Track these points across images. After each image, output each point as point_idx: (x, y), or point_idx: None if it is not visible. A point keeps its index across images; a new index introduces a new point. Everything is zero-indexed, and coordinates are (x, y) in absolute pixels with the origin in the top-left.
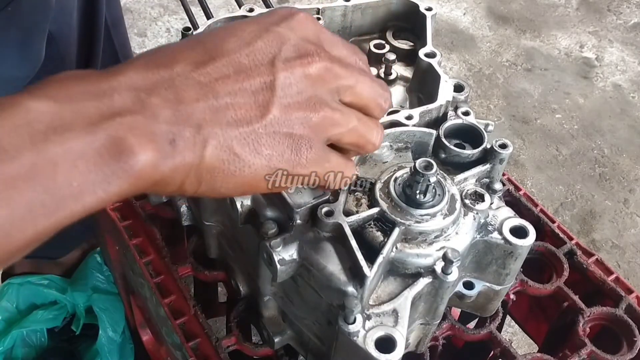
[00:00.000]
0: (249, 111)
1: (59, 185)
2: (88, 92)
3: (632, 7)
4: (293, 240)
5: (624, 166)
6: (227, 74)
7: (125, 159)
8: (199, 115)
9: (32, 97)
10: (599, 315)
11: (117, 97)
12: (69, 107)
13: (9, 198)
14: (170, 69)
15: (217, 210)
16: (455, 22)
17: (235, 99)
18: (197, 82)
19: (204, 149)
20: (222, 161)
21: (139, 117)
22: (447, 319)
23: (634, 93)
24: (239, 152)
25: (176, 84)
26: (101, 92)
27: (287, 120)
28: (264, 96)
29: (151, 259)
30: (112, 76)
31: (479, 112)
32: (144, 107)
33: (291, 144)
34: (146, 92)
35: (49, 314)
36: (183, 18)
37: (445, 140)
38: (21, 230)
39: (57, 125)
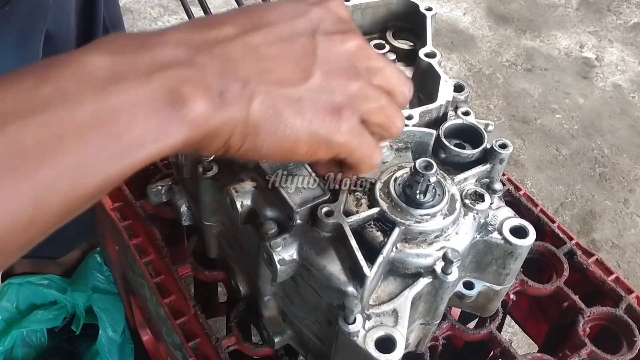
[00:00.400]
0: (292, 74)
1: (122, 132)
2: (140, 45)
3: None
4: (293, 240)
5: (624, 166)
6: (271, 40)
7: (179, 107)
8: (245, 72)
9: (85, 52)
10: (599, 315)
11: (167, 50)
12: (123, 60)
13: (79, 144)
14: (216, 30)
15: (217, 210)
16: (455, 22)
17: (279, 62)
18: (243, 44)
19: (250, 104)
20: (267, 119)
21: (189, 70)
22: (447, 319)
23: (634, 93)
24: (283, 112)
25: (223, 44)
26: (152, 46)
27: (328, 86)
28: (306, 62)
29: (151, 259)
30: (159, 35)
31: (479, 112)
32: (193, 61)
33: (332, 111)
34: (194, 48)
35: (49, 314)
36: (183, 18)
37: (445, 140)
38: (93, 175)
39: (114, 76)
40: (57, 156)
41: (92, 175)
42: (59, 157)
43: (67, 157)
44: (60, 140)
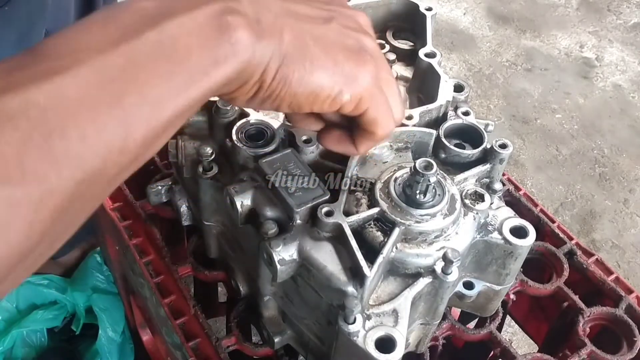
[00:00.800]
0: (317, 15)
1: (182, 60)
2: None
3: (632, 7)
4: (293, 240)
5: (624, 166)
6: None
7: (228, 35)
8: (274, 6)
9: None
10: (599, 315)
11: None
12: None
13: (151, 72)
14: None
15: (217, 210)
16: (455, 22)
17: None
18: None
19: (282, 34)
20: (297, 49)
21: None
22: (447, 319)
23: (634, 93)
24: (310, 45)
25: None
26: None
27: (347, 34)
28: (325, 11)
29: (151, 259)
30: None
31: (479, 112)
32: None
33: (354, 52)
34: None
35: (49, 314)
36: None
37: (445, 140)
38: (167, 103)
39: (163, 12)
40: (138, 83)
41: (166, 103)
42: (139, 85)
43: (144, 85)
44: (136, 69)
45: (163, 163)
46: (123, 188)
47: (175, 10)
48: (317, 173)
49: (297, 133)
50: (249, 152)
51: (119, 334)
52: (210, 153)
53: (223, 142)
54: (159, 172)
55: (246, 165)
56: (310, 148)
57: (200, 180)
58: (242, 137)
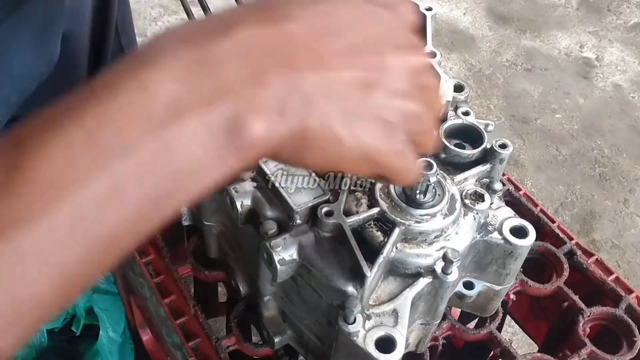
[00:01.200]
0: (354, 89)
1: (177, 170)
2: (201, 61)
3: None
4: (293, 240)
5: (624, 166)
6: (339, 48)
7: (238, 135)
8: (308, 85)
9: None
10: (599, 315)
11: (228, 66)
12: (183, 85)
13: (137, 190)
14: (284, 26)
15: (217, 210)
16: (455, 22)
17: (344, 75)
18: (311, 49)
19: (308, 119)
20: (321, 133)
21: (251, 90)
22: (447, 319)
23: (634, 93)
24: (337, 127)
25: (290, 47)
26: (214, 60)
27: (386, 105)
28: (370, 77)
29: (151, 259)
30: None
31: (479, 112)
32: (256, 75)
33: (383, 130)
34: (258, 57)
35: None
36: (183, 18)
37: (445, 140)
38: (146, 220)
39: (173, 107)
40: (119, 204)
41: (145, 221)
42: (121, 204)
43: (126, 204)
44: (121, 189)
45: None
46: None
47: (188, 107)
48: (317, 173)
49: None
50: None
51: (119, 334)
52: None
53: None
54: None
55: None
56: None
57: None
58: None
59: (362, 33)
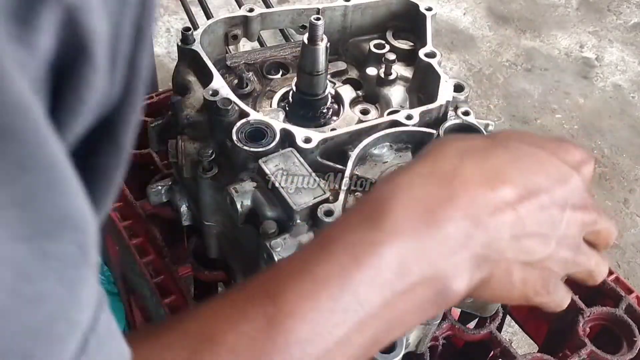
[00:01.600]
0: (538, 245)
1: (392, 320)
2: (428, 223)
3: (632, 7)
4: (293, 240)
5: (624, 166)
6: (535, 208)
7: (446, 294)
8: (504, 243)
9: (378, 232)
10: (599, 315)
11: (450, 229)
12: (411, 250)
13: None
14: (496, 192)
15: (217, 210)
16: (455, 22)
17: (533, 232)
18: (515, 214)
19: (495, 270)
20: (500, 280)
21: (464, 252)
22: (447, 319)
23: (634, 93)
24: (514, 277)
25: (499, 215)
26: (439, 224)
27: (556, 258)
28: (549, 233)
29: (151, 259)
30: (449, 200)
31: (479, 112)
32: (469, 237)
33: (547, 279)
34: (473, 221)
35: None
36: (183, 18)
37: None
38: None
39: (401, 270)
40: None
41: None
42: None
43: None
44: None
45: (163, 163)
46: (123, 188)
47: (412, 273)
48: (317, 173)
49: (297, 133)
50: (249, 152)
51: None
52: (210, 153)
53: (223, 142)
54: (159, 172)
55: (246, 165)
56: (310, 148)
57: (200, 180)
58: (242, 137)
59: (552, 194)
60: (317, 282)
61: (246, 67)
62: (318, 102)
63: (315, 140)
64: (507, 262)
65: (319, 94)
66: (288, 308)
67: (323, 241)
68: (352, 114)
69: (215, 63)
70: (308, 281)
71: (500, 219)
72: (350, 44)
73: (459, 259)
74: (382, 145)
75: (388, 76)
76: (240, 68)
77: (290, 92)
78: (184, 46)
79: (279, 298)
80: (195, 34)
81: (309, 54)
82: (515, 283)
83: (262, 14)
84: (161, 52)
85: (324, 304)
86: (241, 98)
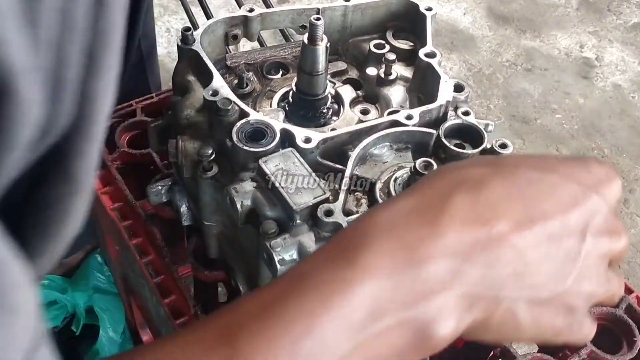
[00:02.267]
0: (547, 280)
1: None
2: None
3: (632, 7)
4: (293, 240)
5: (624, 166)
6: (540, 240)
7: (429, 338)
8: (502, 280)
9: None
10: (599, 315)
11: (432, 268)
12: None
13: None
14: (489, 227)
15: (217, 210)
16: (455, 22)
17: (540, 266)
18: (513, 247)
19: (495, 310)
20: (502, 320)
21: (449, 293)
22: None
23: (634, 93)
24: (520, 317)
25: (492, 247)
26: (419, 261)
27: (576, 293)
28: (566, 267)
29: (151, 259)
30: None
31: (479, 112)
32: (455, 276)
33: (565, 314)
34: (462, 258)
35: (49, 314)
36: (183, 18)
37: (446, 140)
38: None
39: (373, 310)
40: None
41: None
42: None
43: None
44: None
45: (163, 163)
46: (123, 188)
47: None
48: (317, 173)
49: (297, 133)
50: (249, 152)
51: (119, 334)
52: (210, 153)
53: (223, 142)
54: (159, 172)
55: (246, 165)
56: (310, 148)
57: (200, 180)
58: (242, 137)
59: (565, 221)
60: (280, 325)
61: (246, 67)
62: (318, 102)
63: (315, 140)
64: (509, 300)
65: (319, 94)
66: (247, 352)
67: (292, 278)
68: (352, 114)
69: (215, 63)
70: (270, 323)
71: (495, 254)
72: (350, 44)
73: (443, 299)
74: (382, 145)
75: (388, 76)
76: (240, 68)
77: (290, 92)
78: (184, 46)
79: (239, 341)
80: (195, 34)
81: (309, 54)
82: (523, 323)
83: (262, 14)
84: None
85: (286, 349)
86: (241, 98)
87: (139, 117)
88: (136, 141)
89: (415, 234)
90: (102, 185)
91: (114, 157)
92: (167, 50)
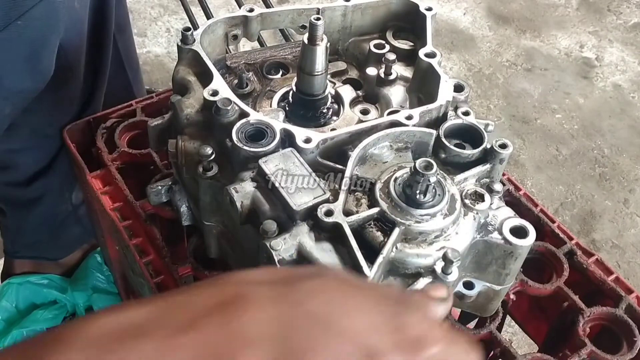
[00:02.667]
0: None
1: None
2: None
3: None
4: (293, 240)
5: (624, 166)
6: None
7: None
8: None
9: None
10: (599, 315)
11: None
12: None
13: None
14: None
15: (217, 210)
16: (455, 22)
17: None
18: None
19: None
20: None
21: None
22: (447, 319)
23: (634, 93)
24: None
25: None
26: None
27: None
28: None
29: (151, 259)
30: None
31: (479, 112)
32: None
33: None
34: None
35: (49, 314)
36: (183, 18)
37: (445, 140)
38: None
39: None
40: None
41: None
42: None
43: None
44: None
45: (163, 163)
46: (123, 188)
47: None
48: (317, 173)
49: (297, 133)
50: (249, 152)
51: None
52: (210, 153)
53: (223, 142)
54: (159, 172)
55: (246, 165)
56: (310, 148)
57: (200, 180)
58: (242, 137)
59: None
60: None
61: (246, 67)
62: (318, 102)
63: (315, 140)
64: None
65: (318, 94)
66: None
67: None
68: (352, 114)
69: (215, 63)
70: None
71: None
72: (350, 44)
73: None
74: (382, 145)
75: (388, 76)
76: (240, 68)
77: (290, 92)
78: (184, 46)
79: None
80: (195, 34)
81: (309, 54)
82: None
83: (262, 14)
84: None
85: None
86: (241, 98)
87: (139, 117)
88: (136, 141)
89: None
90: (102, 185)
91: (114, 157)
92: (167, 50)
